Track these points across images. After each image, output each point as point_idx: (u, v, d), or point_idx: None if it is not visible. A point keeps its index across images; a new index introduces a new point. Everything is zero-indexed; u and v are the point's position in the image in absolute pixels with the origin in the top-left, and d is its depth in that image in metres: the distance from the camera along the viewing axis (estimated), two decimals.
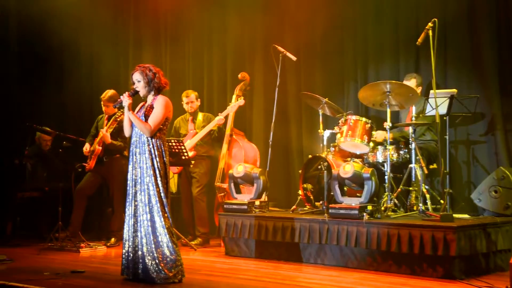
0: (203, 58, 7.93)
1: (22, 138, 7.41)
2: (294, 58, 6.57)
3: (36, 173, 7.36)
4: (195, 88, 7.20)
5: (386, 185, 5.63)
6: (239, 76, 6.90)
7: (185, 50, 8.10)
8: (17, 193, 7.13)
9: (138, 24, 8.44)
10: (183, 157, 6.16)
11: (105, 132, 6.53)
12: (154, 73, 4.67)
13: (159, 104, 4.63)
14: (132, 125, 4.68)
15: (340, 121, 5.94)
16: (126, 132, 4.76)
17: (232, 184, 6.12)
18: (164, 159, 4.61)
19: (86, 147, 6.77)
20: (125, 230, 4.64)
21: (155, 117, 4.59)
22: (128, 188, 4.66)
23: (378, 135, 5.98)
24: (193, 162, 6.51)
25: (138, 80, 4.67)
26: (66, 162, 6.55)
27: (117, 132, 6.60)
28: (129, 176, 4.66)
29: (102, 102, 6.82)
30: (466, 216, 5.42)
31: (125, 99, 4.64)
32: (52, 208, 6.82)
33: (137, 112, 4.73)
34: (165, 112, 4.62)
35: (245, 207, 5.89)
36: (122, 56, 8.47)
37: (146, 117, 4.62)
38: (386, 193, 5.61)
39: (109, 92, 6.77)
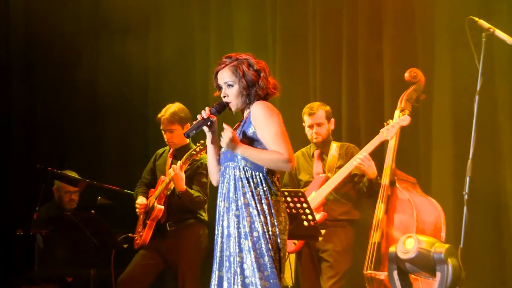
0: (341, 46, 7.97)
1: (33, 191, 7.84)
2: (509, 41, 6.23)
3: (52, 251, 7.40)
4: (325, 100, 7.19)
5: None
6: (406, 75, 6.76)
7: (308, 37, 8.21)
8: (21, 286, 7.30)
9: None
10: (306, 223, 6.02)
11: (178, 171, 6.50)
12: (257, 70, 4.66)
13: (259, 111, 4.59)
14: (220, 163, 4.76)
15: None
16: (213, 178, 4.85)
17: (395, 273, 5.87)
18: (276, 224, 4.55)
19: (142, 201, 6.86)
20: None
21: (270, 132, 4.55)
22: (212, 274, 4.67)
23: None
24: (323, 231, 6.37)
25: (229, 84, 4.66)
26: (102, 232, 6.63)
27: (191, 179, 6.70)
28: (215, 253, 4.69)
29: (161, 126, 6.90)
30: None
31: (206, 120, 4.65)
32: None
33: None
34: (278, 117, 4.58)
35: None
36: (198, 51, 8.95)
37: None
38: None
39: (172, 107, 6.85)
